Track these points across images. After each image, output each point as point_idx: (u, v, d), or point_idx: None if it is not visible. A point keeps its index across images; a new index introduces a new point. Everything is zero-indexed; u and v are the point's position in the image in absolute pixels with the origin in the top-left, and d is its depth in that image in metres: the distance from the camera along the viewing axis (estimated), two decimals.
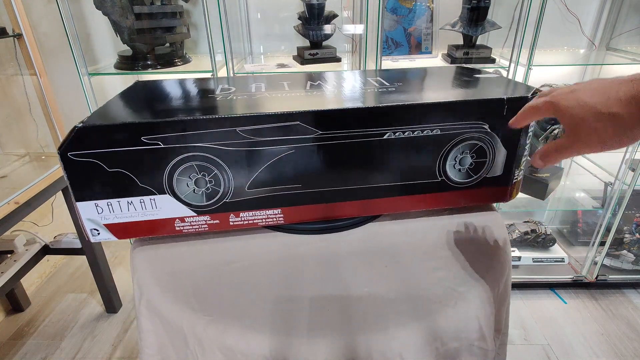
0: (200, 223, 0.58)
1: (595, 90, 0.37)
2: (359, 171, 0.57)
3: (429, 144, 0.56)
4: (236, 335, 0.46)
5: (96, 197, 0.54)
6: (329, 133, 0.53)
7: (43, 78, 1.12)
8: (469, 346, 0.50)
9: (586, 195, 1.56)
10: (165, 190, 0.54)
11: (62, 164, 0.50)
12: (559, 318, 1.43)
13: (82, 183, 0.52)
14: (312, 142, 0.54)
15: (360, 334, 0.46)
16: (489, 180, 0.60)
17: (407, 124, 0.54)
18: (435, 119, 0.54)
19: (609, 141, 0.37)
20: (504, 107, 0.54)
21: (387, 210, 0.63)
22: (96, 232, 0.56)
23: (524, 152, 0.60)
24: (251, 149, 0.53)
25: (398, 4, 1.37)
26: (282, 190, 0.57)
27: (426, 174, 0.58)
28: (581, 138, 0.39)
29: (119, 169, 0.52)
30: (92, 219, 0.55)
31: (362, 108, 0.53)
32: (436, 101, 0.54)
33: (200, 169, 0.53)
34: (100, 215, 0.55)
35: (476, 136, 0.56)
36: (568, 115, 0.39)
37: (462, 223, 0.63)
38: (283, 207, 0.58)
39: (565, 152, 0.41)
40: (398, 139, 0.55)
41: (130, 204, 0.54)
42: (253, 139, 0.52)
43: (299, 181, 0.56)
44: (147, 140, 0.50)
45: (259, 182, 0.55)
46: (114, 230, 0.56)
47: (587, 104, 0.37)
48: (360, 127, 0.54)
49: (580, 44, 1.46)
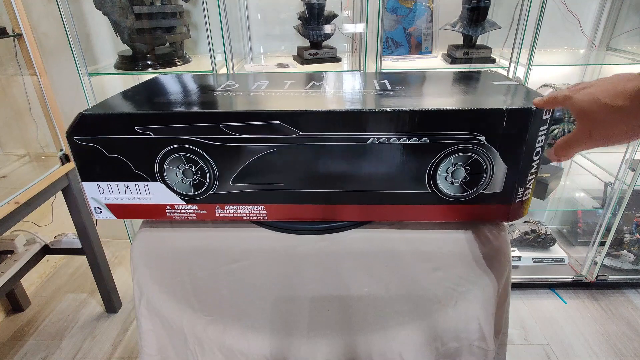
0: (189, 212, 0.61)
1: (607, 86, 0.38)
2: (342, 175, 0.56)
3: (417, 152, 0.53)
4: (236, 335, 0.46)
5: (98, 179, 0.59)
6: (309, 134, 0.53)
7: (43, 78, 1.12)
8: (469, 346, 0.50)
9: (586, 195, 1.56)
10: (157, 178, 0.58)
11: (70, 146, 0.56)
12: (559, 318, 1.43)
13: (86, 165, 0.58)
14: (293, 142, 0.54)
15: (360, 334, 0.46)
16: (486, 197, 0.56)
17: (391, 131, 0.52)
18: (422, 127, 0.51)
19: (618, 135, 0.38)
20: (504, 119, 0.50)
21: (375, 218, 0.62)
22: (99, 210, 0.62)
23: (531, 170, 0.54)
24: (234, 144, 0.54)
25: (398, 4, 1.37)
26: (265, 187, 0.58)
27: (415, 185, 0.56)
28: (592, 132, 0.40)
29: (116, 154, 0.56)
30: (95, 198, 0.61)
31: (342, 111, 0.52)
32: (423, 108, 0.51)
33: (187, 161, 0.56)
34: (102, 195, 0.60)
35: (471, 148, 0.53)
36: (579, 108, 0.40)
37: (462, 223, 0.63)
38: (266, 204, 0.60)
39: (577, 145, 0.42)
40: (382, 145, 0.53)
41: (127, 187, 0.59)
42: (235, 135, 0.54)
43: (281, 180, 0.57)
44: (140, 130, 0.54)
45: (242, 177, 0.57)
46: (114, 210, 0.62)
47: (597, 99, 0.38)
48: (342, 131, 0.52)
49: (580, 44, 1.46)
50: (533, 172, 0.55)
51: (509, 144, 0.52)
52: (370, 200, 0.58)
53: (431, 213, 0.59)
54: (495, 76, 0.70)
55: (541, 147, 0.53)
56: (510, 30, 1.29)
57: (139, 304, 0.55)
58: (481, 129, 0.51)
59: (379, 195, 0.57)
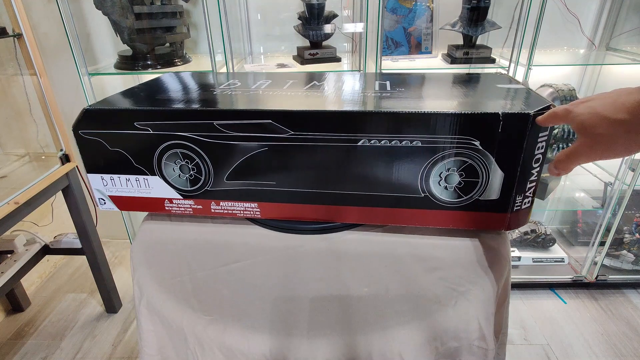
0: (186, 206, 0.63)
1: (607, 100, 0.39)
2: (334, 176, 0.56)
3: (408, 156, 0.52)
4: (236, 335, 0.46)
5: (102, 171, 0.61)
6: (301, 134, 0.53)
7: (43, 78, 1.12)
8: (468, 346, 0.50)
9: (586, 195, 1.56)
10: (156, 172, 0.60)
11: (76, 140, 0.58)
12: (559, 318, 1.43)
13: (90, 157, 0.60)
14: (285, 142, 0.54)
15: (360, 333, 0.46)
16: (482, 204, 0.55)
17: (382, 133, 0.51)
18: (413, 130, 0.50)
19: (618, 148, 0.39)
20: (499, 124, 0.49)
21: (363, 220, 0.61)
22: (103, 202, 0.65)
23: (530, 178, 0.52)
24: (227, 142, 0.55)
25: (398, 4, 1.37)
26: (258, 185, 0.58)
27: (408, 189, 0.55)
28: (592, 145, 0.40)
29: (118, 149, 0.58)
30: (99, 190, 0.64)
31: (333, 111, 0.52)
32: (414, 111, 0.50)
33: (184, 157, 0.58)
34: (105, 187, 0.63)
35: (465, 153, 0.51)
36: (580, 121, 0.40)
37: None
38: (259, 202, 0.60)
39: (577, 158, 0.42)
40: (373, 147, 0.52)
41: (128, 180, 0.61)
42: (228, 133, 0.55)
43: (274, 178, 0.58)
44: (139, 125, 0.56)
45: (236, 175, 0.58)
46: (117, 202, 0.64)
47: (598, 112, 0.39)
48: (332, 131, 0.52)
49: (580, 44, 1.46)
50: (533, 179, 0.53)
51: (506, 150, 0.50)
52: (364, 202, 0.58)
53: (425, 218, 0.58)
54: (501, 78, 0.68)
55: (541, 154, 0.51)
56: (510, 30, 1.29)
57: (139, 304, 0.55)
58: (476, 134, 0.50)
59: (372, 198, 0.57)
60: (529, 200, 0.55)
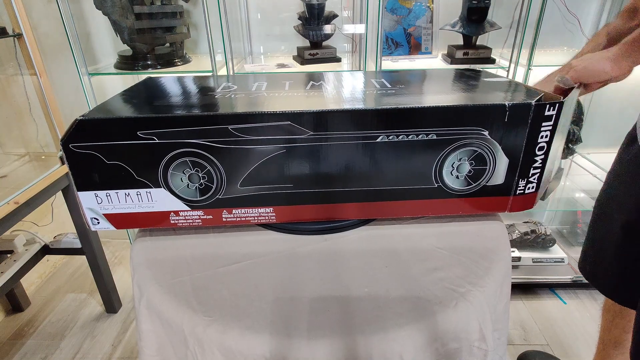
0: (194, 217, 0.59)
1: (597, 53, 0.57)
2: (353, 174, 0.56)
3: (424, 149, 0.55)
4: (236, 336, 0.46)
5: (96, 188, 0.56)
6: (320, 134, 0.53)
7: (43, 78, 1.12)
8: (469, 347, 0.50)
9: (586, 196, 1.56)
10: (161, 184, 0.56)
11: (65, 155, 0.53)
12: (559, 318, 1.43)
13: (83, 173, 0.54)
14: (304, 143, 0.53)
15: (360, 334, 0.46)
16: (489, 189, 0.59)
17: (400, 128, 0.53)
18: (430, 123, 0.53)
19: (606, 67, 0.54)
20: (506, 114, 0.53)
21: (381, 215, 0.62)
22: (96, 221, 0.59)
23: (534, 164, 0.56)
24: (243, 147, 0.53)
25: (398, 4, 1.37)
26: (274, 189, 0.57)
27: (422, 180, 0.57)
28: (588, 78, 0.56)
29: (117, 161, 0.53)
30: (92, 209, 0.58)
31: (353, 110, 0.52)
32: (431, 105, 0.53)
33: (194, 165, 0.55)
34: (100, 205, 0.57)
35: (475, 143, 0.55)
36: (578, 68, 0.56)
37: (463, 223, 0.63)
38: (275, 206, 0.59)
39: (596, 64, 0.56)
40: (392, 143, 0.54)
41: (128, 195, 0.56)
42: (245, 137, 0.53)
43: (291, 181, 0.57)
44: (143, 135, 0.52)
45: (251, 180, 0.56)
46: (113, 220, 0.59)
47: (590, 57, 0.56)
48: (352, 130, 0.53)
49: (580, 44, 1.45)
50: (537, 166, 0.57)
51: (511, 137, 0.54)
52: (377, 197, 0.59)
53: (436, 207, 0.60)
54: (486, 74, 0.74)
55: (546, 143, 0.55)
56: (510, 30, 1.29)
57: (139, 304, 0.55)
58: (484, 124, 0.54)
59: (385, 192, 0.58)
60: (533, 185, 0.59)
